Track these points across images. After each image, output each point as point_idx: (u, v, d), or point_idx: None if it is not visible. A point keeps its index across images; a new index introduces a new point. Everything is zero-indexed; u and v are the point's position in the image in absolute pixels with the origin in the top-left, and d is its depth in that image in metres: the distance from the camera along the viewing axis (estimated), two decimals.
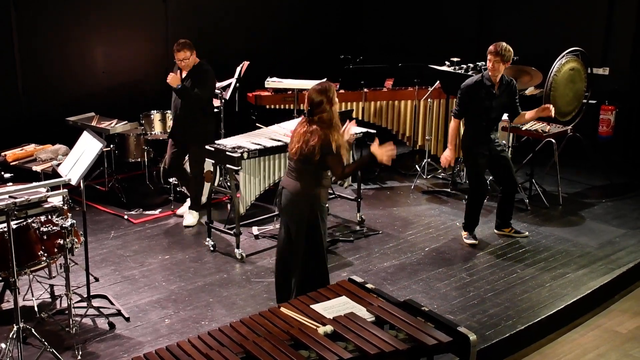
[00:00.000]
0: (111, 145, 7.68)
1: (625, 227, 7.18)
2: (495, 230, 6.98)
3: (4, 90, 7.95)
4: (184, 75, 6.92)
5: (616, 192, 8.19)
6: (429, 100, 8.71)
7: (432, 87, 8.58)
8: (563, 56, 7.73)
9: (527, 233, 6.95)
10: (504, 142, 7.11)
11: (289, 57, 10.20)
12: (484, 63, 8.27)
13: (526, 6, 9.61)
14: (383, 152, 4.85)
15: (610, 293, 6.01)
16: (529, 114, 6.62)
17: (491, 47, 6.37)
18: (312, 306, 4.18)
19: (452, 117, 6.75)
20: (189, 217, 7.17)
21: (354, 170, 5.36)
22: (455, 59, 8.48)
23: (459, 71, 8.24)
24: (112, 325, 5.21)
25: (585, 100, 8.21)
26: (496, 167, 6.72)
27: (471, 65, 8.37)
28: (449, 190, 8.13)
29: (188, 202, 7.32)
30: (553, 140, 7.81)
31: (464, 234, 6.86)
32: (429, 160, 8.60)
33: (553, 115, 6.56)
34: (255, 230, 6.95)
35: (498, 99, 6.49)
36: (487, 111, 6.50)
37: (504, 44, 6.35)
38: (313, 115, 4.82)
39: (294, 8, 10.51)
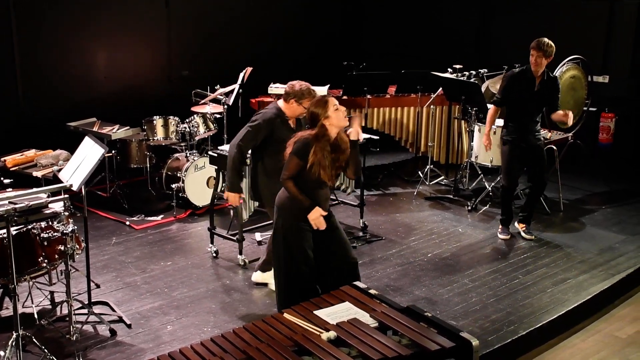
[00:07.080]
0: (113, 151, 7.67)
1: (625, 233, 7.19)
2: (516, 223, 7.10)
3: (4, 95, 7.95)
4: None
5: (616, 199, 8.19)
6: (431, 107, 8.72)
7: (435, 94, 8.59)
8: (564, 64, 7.75)
9: (533, 237, 6.96)
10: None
11: (292, 62, 10.21)
12: (486, 70, 8.32)
13: (527, 14, 9.63)
14: (317, 217, 4.92)
15: (610, 298, 6.03)
16: (554, 115, 6.71)
17: (533, 43, 6.50)
18: (315, 312, 4.17)
19: (492, 104, 6.94)
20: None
21: (292, 192, 4.84)
22: (457, 66, 8.50)
23: (462, 78, 8.26)
24: (113, 332, 5.19)
25: (585, 108, 8.22)
26: (530, 161, 6.84)
27: (473, 72, 8.39)
28: (451, 196, 8.12)
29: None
30: (554, 147, 7.82)
31: (499, 228, 7.01)
32: (432, 166, 8.59)
33: (570, 123, 6.68)
34: (258, 236, 6.94)
35: (538, 93, 6.61)
36: (524, 102, 6.64)
37: (546, 39, 6.47)
38: (312, 127, 4.85)
39: (297, 14, 10.55)
